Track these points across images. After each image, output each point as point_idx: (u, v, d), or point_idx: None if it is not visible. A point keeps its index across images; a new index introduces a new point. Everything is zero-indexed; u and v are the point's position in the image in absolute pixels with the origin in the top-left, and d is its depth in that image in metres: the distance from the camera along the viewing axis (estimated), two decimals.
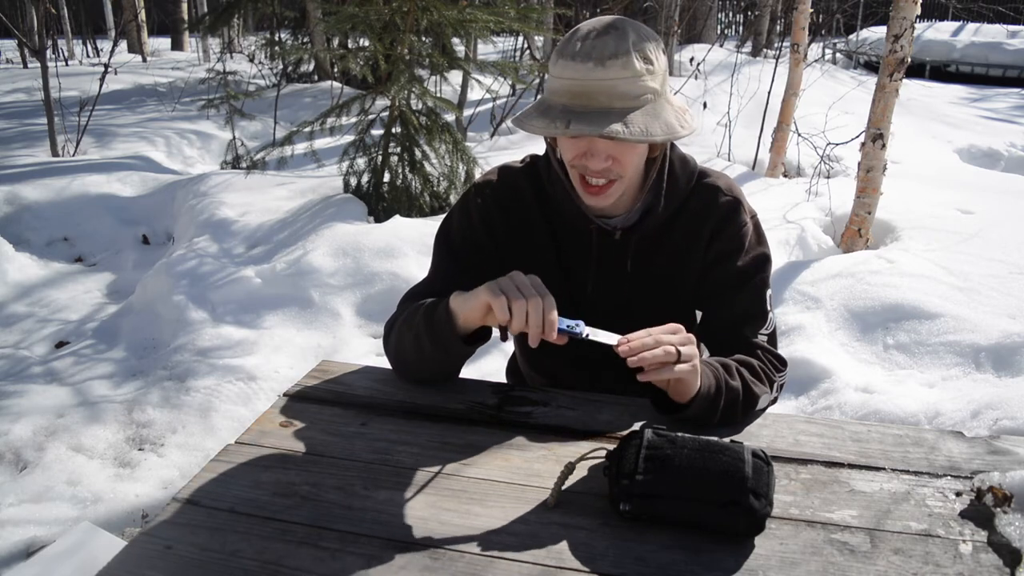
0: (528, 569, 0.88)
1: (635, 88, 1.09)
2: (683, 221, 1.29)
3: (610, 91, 1.08)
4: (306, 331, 3.13)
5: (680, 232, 1.30)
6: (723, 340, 1.29)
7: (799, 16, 4.89)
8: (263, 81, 8.24)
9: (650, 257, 1.31)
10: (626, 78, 1.08)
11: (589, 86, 1.08)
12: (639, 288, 1.33)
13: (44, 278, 3.93)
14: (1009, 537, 0.91)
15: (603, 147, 1.13)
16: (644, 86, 1.10)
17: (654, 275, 1.32)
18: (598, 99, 1.08)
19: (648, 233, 1.29)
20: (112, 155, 5.69)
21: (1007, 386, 2.42)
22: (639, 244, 1.30)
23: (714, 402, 1.13)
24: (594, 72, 1.07)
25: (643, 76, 1.09)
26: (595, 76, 1.07)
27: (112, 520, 2.12)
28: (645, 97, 1.10)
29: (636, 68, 1.08)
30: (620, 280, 1.33)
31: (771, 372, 1.25)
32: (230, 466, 1.08)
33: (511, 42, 8.24)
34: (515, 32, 6.31)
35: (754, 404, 1.19)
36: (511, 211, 1.34)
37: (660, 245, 1.30)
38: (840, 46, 12.19)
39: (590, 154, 1.14)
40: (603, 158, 1.14)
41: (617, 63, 1.07)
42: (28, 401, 2.71)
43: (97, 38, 14.50)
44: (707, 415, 1.13)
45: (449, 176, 4.18)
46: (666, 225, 1.29)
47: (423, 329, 1.20)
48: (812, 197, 4.39)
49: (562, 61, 1.11)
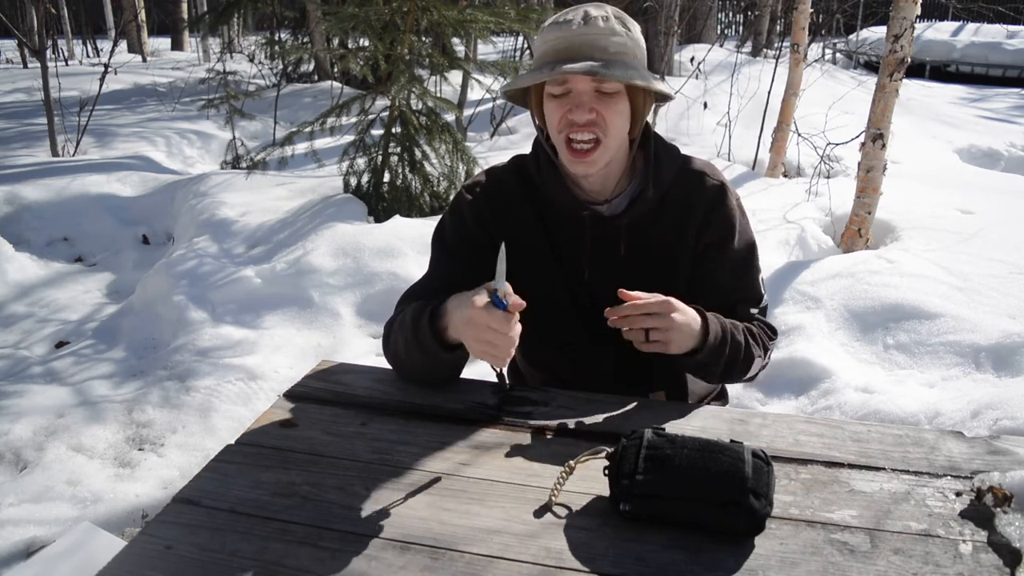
0: (528, 569, 0.88)
1: (616, 45, 1.20)
2: (672, 206, 1.34)
3: (593, 43, 1.18)
4: (306, 331, 3.13)
5: (670, 217, 1.35)
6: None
7: (799, 16, 4.89)
8: (263, 81, 8.24)
9: (643, 241, 1.35)
10: (607, 34, 1.19)
11: (573, 40, 1.19)
12: (634, 272, 1.36)
13: (44, 278, 3.93)
14: (1009, 537, 0.91)
15: (588, 99, 1.20)
16: (624, 44, 1.21)
17: (648, 259, 1.36)
18: (581, 51, 1.18)
19: (639, 217, 1.33)
20: (112, 155, 5.69)
21: (1007, 386, 2.42)
22: (631, 228, 1.34)
23: (719, 352, 1.24)
24: (579, 29, 1.19)
25: (622, 36, 1.21)
26: (579, 32, 1.19)
27: (112, 520, 2.12)
28: (626, 54, 1.21)
29: (615, 28, 1.20)
30: (615, 265, 1.36)
31: (765, 339, 1.36)
32: (230, 466, 1.08)
33: (511, 42, 8.24)
34: (515, 32, 6.31)
35: (751, 363, 1.30)
36: (501, 207, 1.37)
37: (652, 229, 1.35)
38: (840, 46, 12.20)
39: (575, 107, 1.20)
40: (587, 109, 1.20)
41: (597, 21, 1.19)
42: (28, 401, 2.71)
43: (97, 38, 14.51)
44: (712, 363, 1.24)
45: (449, 176, 4.18)
46: (656, 210, 1.34)
47: (411, 335, 1.21)
48: (812, 197, 4.39)
49: (548, 28, 1.23)
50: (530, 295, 1.41)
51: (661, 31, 7.35)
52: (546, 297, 1.40)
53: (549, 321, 1.42)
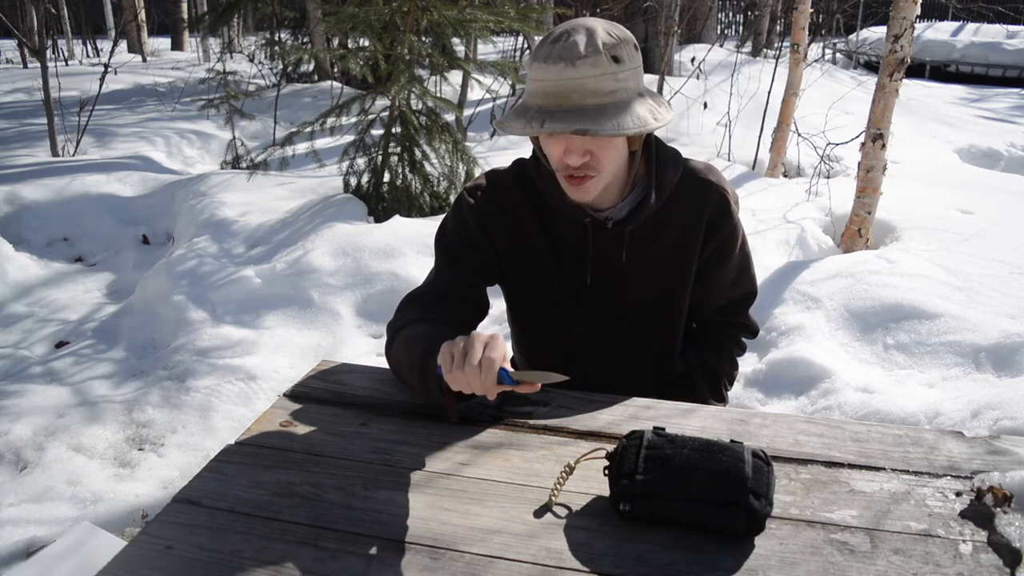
0: (528, 569, 0.88)
1: (605, 85, 1.12)
2: (676, 211, 1.33)
3: (581, 89, 1.11)
4: (306, 331, 3.13)
5: (674, 223, 1.34)
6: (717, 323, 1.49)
7: (799, 16, 4.89)
8: (263, 81, 8.24)
9: (645, 247, 1.34)
10: (596, 76, 1.11)
11: (561, 86, 1.12)
12: (635, 278, 1.36)
13: (44, 278, 3.93)
14: (1009, 537, 0.91)
15: (579, 143, 1.16)
16: (615, 82, 1.13)
17: (650, 265, 1.36)
18: (571, 97, 1.12)
19: (641, 224, 1.32)
20: (112, 155, 5.69)
21: (1007, 386, 2.42)
22: (633, 235, 1.33)
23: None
24: (565, 72, 1.11)
25: (613, 73, 1.13)
26: (566, 76, 1.11)
27: (112, 520, 2.12)
28: (616, 93, 1.13)
29: (605, 66, 1.12)
30: (617, 271, 1.36)
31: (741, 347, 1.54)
32: (230, 466, 1.08)
33: (511, 42, 8.24)
34: (515, 32, 6.31)
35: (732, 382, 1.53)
36: (503, 211, 1.36)
37: (655, 236, 1.34)
38: (840, 46, 12.19)
39: (568, 151, 1.17)
40: (580, 154, 1.17)
41: (587, 62, 1.11)
42: (28, 401, 2.71)
43: (97, 38, 14.50)
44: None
45: (449, 176, 4.18)
46: (660, 216, 1.32)
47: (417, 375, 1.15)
48: (812, 197, 4.39)
49: (536, 64, 1.14)
50: (532, 298, 1.42)
51: (661, 31, 7.35)
52: (548, 301, 1.40)
53: (551, 325, 1.43)
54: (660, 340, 1.45)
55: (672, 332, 1.45)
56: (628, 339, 1.42)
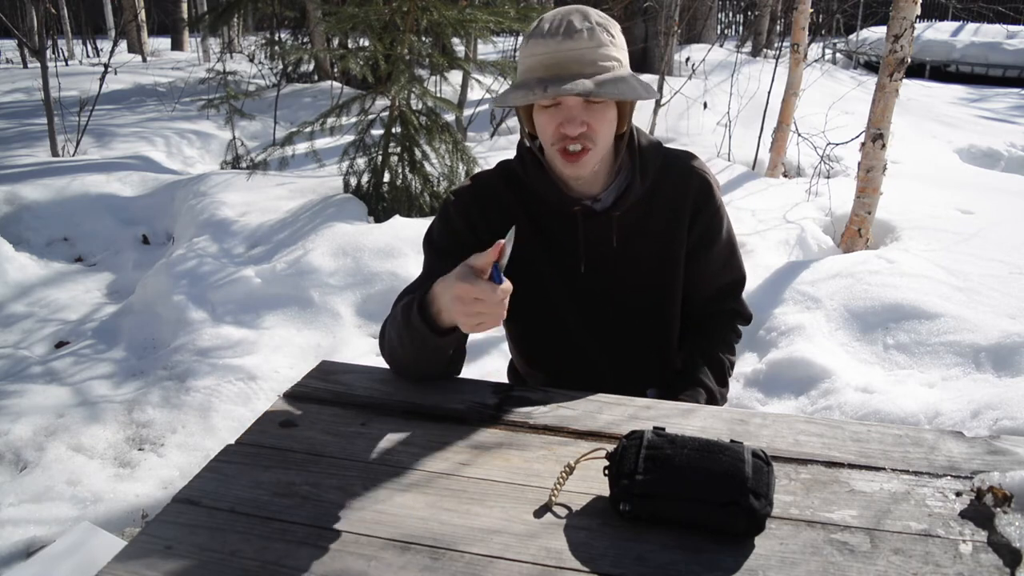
0: (528, 569, 0.88)
1: (601, 56, 1.19)
2: (662, 198, 1.38)
3: (580, 59, 1.18)
4: (306, 331, 3.13)
5: (660, 209, 1.38)
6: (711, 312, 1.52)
7: (799, 16, 4.90)
8: (263, 81, 8.24)
9: (635, 232, 1.38)
10: (593, 47, 1.18)
11: (560, 56, 1.18)
12: (627, 265, 1.39)
13: (44, 278, 3.93)
14: (1009, 537, 0.91)
15: (578, 112, 1.21)
16: (609, 55, 1.20)
17: (640, 250, 1.39)
18: (569, 67, 1.18)
19: (629, 209, 1.36)
20: (112, 155, 5.69)
21: (1007, 386, 2.42)
22: (622, 220, 1.36)
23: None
24: (563, 44, 1.18)
25: (607, 46, 1.20)
26: (565, 47, 1.18)
27: (112, 520, 2.12)
28: (611, 64, 1.20)
29: (601, 39, 1.19)
30: (609, 257, 1.38)
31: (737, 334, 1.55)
32: (230, 466, 1.08)
33: (511, 42, 8.24)
34: (515, 32, 6.31)
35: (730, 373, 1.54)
36: (491, 210, 1.38)
37: (643, 221, 1.38)
38: (840, 46, 12.20)
39: (567, 121, 1.21)
40: (579, 123, 1.21)
41: (583, 35, 1.18)
42: (28, 401, 2.71)
43: (97, 38, 14.50)
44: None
45: (449, 176, 4.18)
46: (646, 202, 1.37)
47: (403, 328, 1.21)
48: (812, 197, 4.39)
49: (533, 40, 1.21)
50: (527, 295, 1.42)
51: (661, 31, 7.35)
52: (543, 296, 1.40)
53: (547, 320, 1.43)
54: (656, 329, 1.46)
55: (667, 321, 1.46)
56: (624, 329, 1.43)
